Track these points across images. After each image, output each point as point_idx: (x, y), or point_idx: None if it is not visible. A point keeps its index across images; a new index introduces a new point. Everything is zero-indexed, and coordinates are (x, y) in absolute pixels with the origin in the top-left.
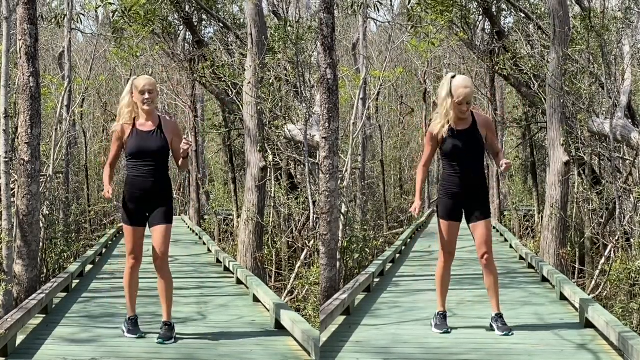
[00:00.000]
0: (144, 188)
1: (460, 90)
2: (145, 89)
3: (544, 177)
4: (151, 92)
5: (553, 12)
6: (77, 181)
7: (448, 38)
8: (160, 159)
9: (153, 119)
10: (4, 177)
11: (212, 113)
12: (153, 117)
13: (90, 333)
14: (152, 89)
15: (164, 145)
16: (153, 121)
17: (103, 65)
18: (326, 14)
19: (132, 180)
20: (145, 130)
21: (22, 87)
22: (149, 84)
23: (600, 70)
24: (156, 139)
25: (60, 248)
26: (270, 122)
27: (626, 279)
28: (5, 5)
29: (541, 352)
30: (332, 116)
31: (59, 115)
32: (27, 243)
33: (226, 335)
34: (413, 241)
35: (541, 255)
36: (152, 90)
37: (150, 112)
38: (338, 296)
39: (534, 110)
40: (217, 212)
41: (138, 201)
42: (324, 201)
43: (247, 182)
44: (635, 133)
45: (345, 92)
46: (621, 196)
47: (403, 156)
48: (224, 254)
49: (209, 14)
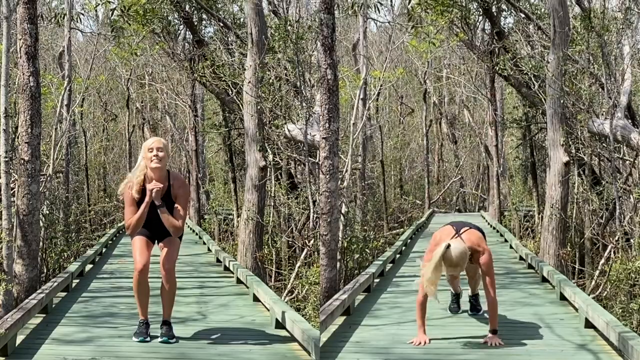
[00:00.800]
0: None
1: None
2: (154, 147)
3: (544, 178)
4: (160, 150)
5: (553, 13)
6: (77, 180)
7: (448, 38)
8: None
9: (161, 178)
10: (4, 177)
11: (212, 112)
12: (162, 175)
13: (90, 333)
14: (161, 147)
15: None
16: (161, 180)
17: (103, 65)
18: (326, 14)
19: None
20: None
21: (22, 86)
22: (158, 142)
23: (600, 70)
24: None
25: (60, 247)
26: (270, 121)
27: (626, 279)
28: (6, 4)
29: (541, 352)
30: (332, 116)
31: (59, 114)
32: (27, 242)
33: (226, 334)
34: (413, 241)
35: (541, 255)
36: (161, 148)
37: (159, 170)
38: (338, 296)
39: (534, 110)
40: (217, 212)
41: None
42: (324, 201)
43: (247, 182)
44: (635, 133)
45: (346, 92)
46: (621, 196)
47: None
48: (224, 254)
49: (209, 13)
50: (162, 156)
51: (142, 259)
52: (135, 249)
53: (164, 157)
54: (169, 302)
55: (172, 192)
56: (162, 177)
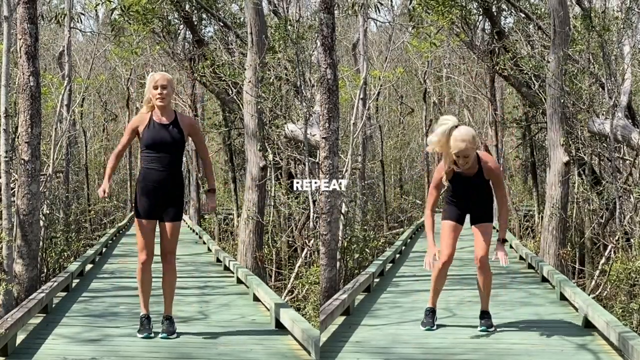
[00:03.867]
0: (158, 180)
1: (456, 142)
2: (159, 84)
3: (544, 177)
4: (165, 88)
5: (553, 12)
6: (77, 180)
7: (448, 38)
8: (175, 152)
9: (168, 115)
10: (4, 177)
11: (212, 112)
12: (168, 112)
13: (90, 332)
14: (165, 84)
15: (180, 138)
16: (168, 117)
17: (103, 65)
18: (326, 14)
19: (146, 172)
20: (162, 123)
21: (22, 86)
22: (163, 79)
23: (600, 70)
24: (172, 132)
25: (60, 247)
26: (271, 121)
27: (626, 279)
28: (6, 4)
29: (541, 352)
30: (332, 116)
31: (59, 114)
32: (27, 242)
33: (226, 334)
34: (413, 241)
35: (541, 255)
36: (165, 86)
37: (164, 108)
38: (338, 296)
39: (534, 110)
40: (217, 212)
41: (151, 194)
42: (324, 201)
43: (247, 181)
44: (635, 133)
45: (345, 92)
46: (621, 196)
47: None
48: (224, 253)
49: (209, 12)
50: (166, 94)
51: (148, 248)
52: (139, 235)
53: (169, 94)
54: (170, 292)
55: (180, 125)
56: (168, 114)
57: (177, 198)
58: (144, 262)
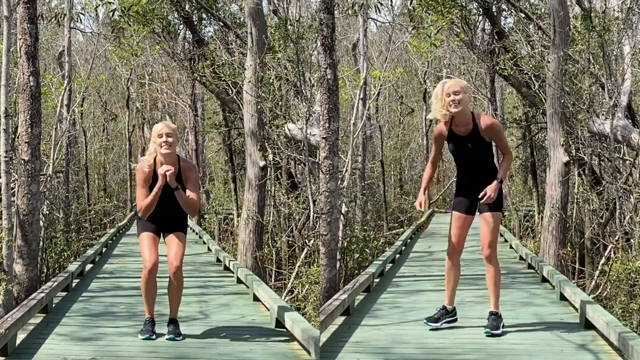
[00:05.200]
0: (162, 210)
1: (447, 84)
2: (163, 133)
3: (544, 177)
4: (169, 136)
5: (553, 13)
6: (77, 180)
7: (448, 38)
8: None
9: (172, 163)
10: (4, 177)
11: (212, 112)
12: (172, 160)
13: (90, 332)
14: (170, 132)
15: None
16: (173, 165)
17: (103, 65)
18: (326, 14)
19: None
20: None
21: (22, 86)
22: (167, 127)
23: (600, 70)
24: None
25: (60, 247)
26: (271, 121)
27: (626, 279)
28: (6, 4)
29: (541, 352)
30: (332, 116)
31: (59, 114)
32: (27, 242)
33: (226, 334)
34: (413, 241)
35: (541, 255)
36: (170, 134)
37: (169, 156)
38: (338, 296)
39: (534, 110)
40: (217, 211)
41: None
42: (324, 201)
43: (247, 181)
44: (635, 133)
45: (345, 92)
46: (621, 196)
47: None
48: (224, 253)
49: (209, 12)
50: (171, 142)
51: (151, 257)
52: (144, 246)
53: (174, 142)
54: (177, 300)
55: (182, 176)
56: (173, 162)
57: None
58: (150, 270)
